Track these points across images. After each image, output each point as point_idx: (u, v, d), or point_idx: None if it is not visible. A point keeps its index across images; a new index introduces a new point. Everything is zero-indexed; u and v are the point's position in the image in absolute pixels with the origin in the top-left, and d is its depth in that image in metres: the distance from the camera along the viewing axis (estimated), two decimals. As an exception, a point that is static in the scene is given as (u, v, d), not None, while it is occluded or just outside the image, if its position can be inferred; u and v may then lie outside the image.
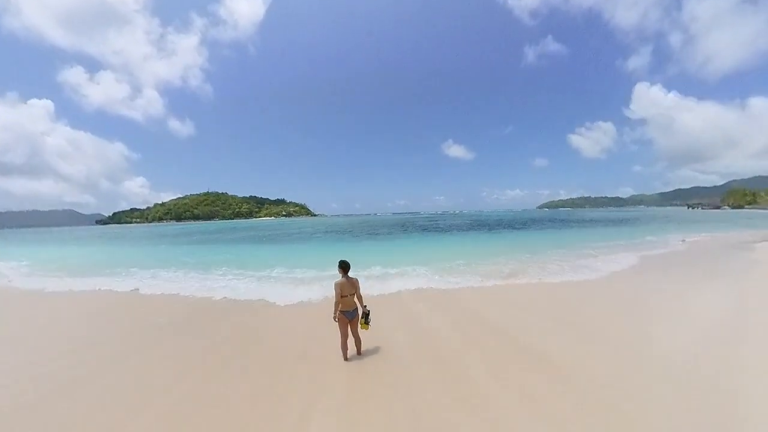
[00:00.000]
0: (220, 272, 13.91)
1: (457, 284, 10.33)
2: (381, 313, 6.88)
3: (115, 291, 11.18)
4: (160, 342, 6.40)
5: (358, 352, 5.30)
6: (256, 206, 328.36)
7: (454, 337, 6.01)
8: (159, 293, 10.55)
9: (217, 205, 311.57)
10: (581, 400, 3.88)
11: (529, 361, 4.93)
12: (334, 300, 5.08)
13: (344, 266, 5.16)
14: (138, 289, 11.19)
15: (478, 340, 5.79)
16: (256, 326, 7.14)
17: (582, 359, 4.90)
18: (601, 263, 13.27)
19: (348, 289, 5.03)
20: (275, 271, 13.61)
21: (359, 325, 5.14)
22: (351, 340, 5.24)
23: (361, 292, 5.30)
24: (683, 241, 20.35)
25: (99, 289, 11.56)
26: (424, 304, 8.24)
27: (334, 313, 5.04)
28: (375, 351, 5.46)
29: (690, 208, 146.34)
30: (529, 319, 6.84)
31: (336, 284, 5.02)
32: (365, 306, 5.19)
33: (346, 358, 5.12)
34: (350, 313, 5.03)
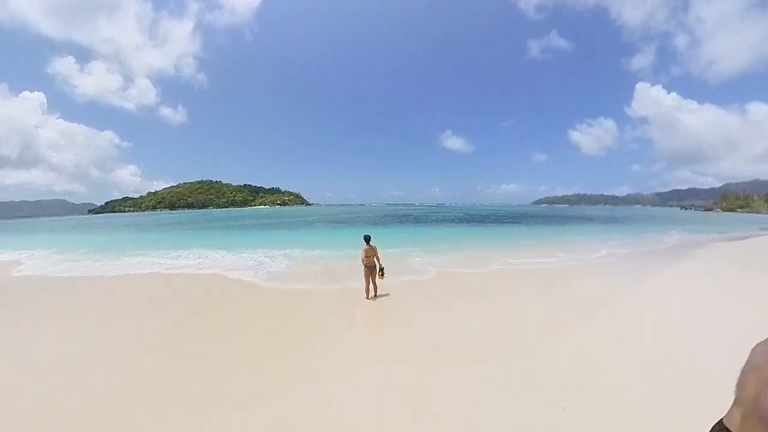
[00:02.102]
0: (247, 253, 16.51)
1: (447, 263, 13.21)
2: (387, 276, 9.71)
3: (165, 273, 13.77)
4: (220, 307, 8.23)
5: (375, 295, 8.11)
6: (250, 195, 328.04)
7: (440, 290, 8.88)
8: (199, 273, 12.39)
9: (212, 194, 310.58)
10: (510, 316, 6.84)
11: (488, 301, 7.84)
12: (359, 261, 7.94)
13: (367, 238, 7.99)
14: (163, 269, 13.80)
15: (458, 293, 8.65)
16: (296, 288, 9.83)
17: (524, 302, 7.77)
18: (568, 254, 16.31)
19: (369, 252, 7.83)
20: (295, 251, 16.36)
21: (377, 276, 7.94)
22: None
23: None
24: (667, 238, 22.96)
25: (160, 271, 14.15)
26: (420, 273, 11.12)
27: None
28: (386, 295, 8.29)
29: (683, 209, 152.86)
30: (499, 285, 9.60)
31: (362, 249, 7.85)
32: (381, 264, 7.99)
33: (367, 298, 7.93)
34: (371, 267, 7.84)
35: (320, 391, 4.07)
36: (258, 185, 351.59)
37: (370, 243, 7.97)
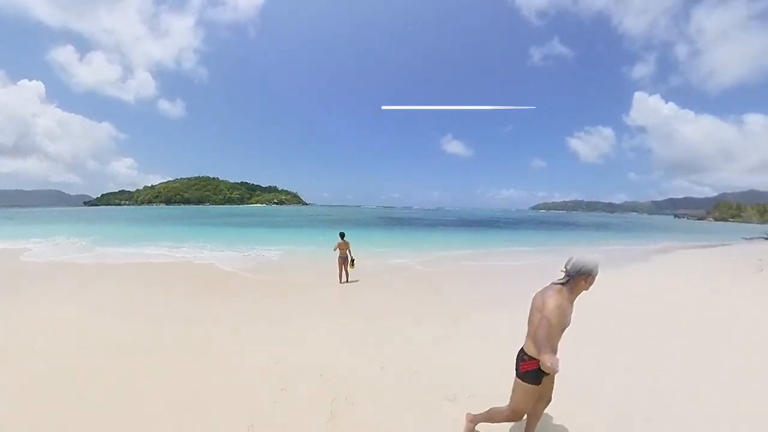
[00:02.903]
0: (246, 248, 18.40)
1: (416, 263, 15.22)
2: (358, 266, 11.67)
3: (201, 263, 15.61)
4: (221, 287, 11.01)
5: (347, 280, 10.03)
6: (247, 192, 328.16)
7: (398, 279, 10.88)
8: (204, 263, 14.79)
9: (208, 190, 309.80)
10: (442, 300, 8.81)
11: (431, 291, 9.83)
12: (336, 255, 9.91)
13: (341, 234, 9.98)
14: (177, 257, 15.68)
15: (410, 282, 10.64)
16: (284, 278, 11.80)
17: (460, 291, 9.77)
18: (548, 257, 18.36)
19: (343, 246, 9.80)
20: (290, 247, 18.31)
21: (349, 265, 9.90)
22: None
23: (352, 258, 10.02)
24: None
25: (170, 261, 15.99)
26: (390, 270, 13.12)
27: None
28: (355, 281, 10.22)
29: (676, 218, 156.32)
30: (448, 280, 11.65)
31: (337, 243, 9.81)
32: (352, 256, 9.95)
33: (340, 282, 9.87)
34: (344, 257, 9.79)
35: (298, 330, 6.02)
36: (255, 183, 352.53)
37: (344, 239, 9.94)
